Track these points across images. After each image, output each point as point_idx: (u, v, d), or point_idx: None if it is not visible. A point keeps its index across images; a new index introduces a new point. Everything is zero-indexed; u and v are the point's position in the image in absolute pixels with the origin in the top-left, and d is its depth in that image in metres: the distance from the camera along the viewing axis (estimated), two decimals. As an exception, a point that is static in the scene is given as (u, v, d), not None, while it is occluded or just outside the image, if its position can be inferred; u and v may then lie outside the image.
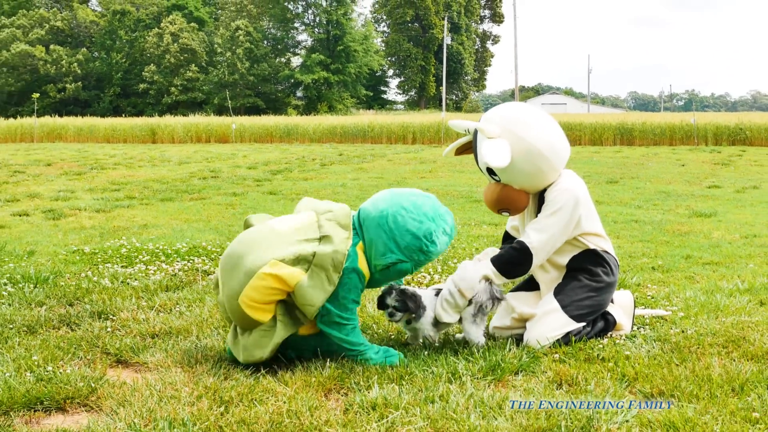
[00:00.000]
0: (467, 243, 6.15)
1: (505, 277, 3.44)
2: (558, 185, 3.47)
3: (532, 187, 3.49)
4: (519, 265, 3.42)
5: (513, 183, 3.45)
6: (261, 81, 56.91)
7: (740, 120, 25.15)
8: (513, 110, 3.49)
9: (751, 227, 7.09)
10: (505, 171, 3.41)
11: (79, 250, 5.81)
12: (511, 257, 3.42)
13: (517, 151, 3.35)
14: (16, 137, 29.77)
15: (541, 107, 3.65)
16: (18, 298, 4.27)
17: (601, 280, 3.56)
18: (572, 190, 3.45)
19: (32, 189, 10.93)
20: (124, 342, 3.50)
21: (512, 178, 3.44)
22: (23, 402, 2.76)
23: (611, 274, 3.62)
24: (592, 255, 3.58)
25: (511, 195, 3.45)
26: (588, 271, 3.56)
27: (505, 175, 3.44)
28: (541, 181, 3.47)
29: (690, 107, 74.52)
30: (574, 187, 3.47)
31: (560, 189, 3.45)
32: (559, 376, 3.02)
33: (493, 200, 3.52)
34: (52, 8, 58.46)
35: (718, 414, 2.63)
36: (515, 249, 3.43)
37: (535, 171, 3.40)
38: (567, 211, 3.42)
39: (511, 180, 3.45)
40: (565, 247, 3.54)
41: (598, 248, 3.57)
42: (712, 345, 3.41)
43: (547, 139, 3.41)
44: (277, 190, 10.74)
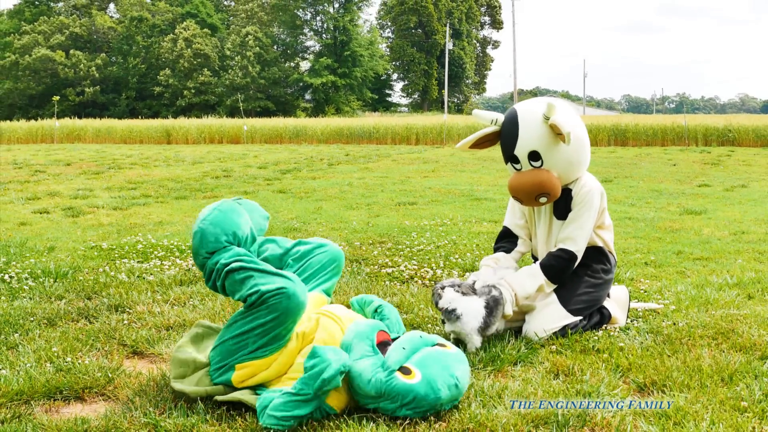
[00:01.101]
0: (468, 240, 6.23)
1: (555, 284, 3.57)
2: (584, 184, 3.56)
3: (567, 177, 3.52)
4: (568, 270, 3.56)
5: (554, 168, 3.46)
6: (271, 84, 57.38)
7: (729, 122, 25.22)
8: (561, 101, 3.60)
9: (739, 224, 7.12)
10: (554, 153, 3.43)
11: (97, 246, 5.93)
12: (562, 267, 3.52)
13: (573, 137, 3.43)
14: (37, 138, 30.12)
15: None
16: (39, 292, 4.39)
17: (600, 277, 3.66)
18: (597, 186, 3.60)
19: (52, 188, 11.11)
20: (140, 334, 3.60)
21: (557, 162, 3.45)
22: (43, 391, 2.87)
23: (610, 271, 3.71)
24: (595, 252, 3.68)
25: (553, 179, 3.44)
26: (589, 267, 3.65)
27: (552, 158, 3.44)
28: (574, 173, 3.53)
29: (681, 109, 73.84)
30: (597, 183, 3.62)
31: (589, 187, 3.55)
32: (556, 367, 3.10)
33: (537, 183, 3.42)
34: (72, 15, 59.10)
35: (708, 403, 2.70)
36: (563, 258, 3.50)
37: (575, 160, 3.48)
38: (596, 206, 3.55)
39: (553, 165, 3.45)
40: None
41: (604, 245, 3.68)
42: (702, 337, 3.48)
43: (586, 136, 3.57)
44: (286, 188, 10.84)
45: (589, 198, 3.54)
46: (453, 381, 2.65)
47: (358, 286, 4.58)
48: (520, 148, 3.49)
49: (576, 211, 3.54)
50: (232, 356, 2.79)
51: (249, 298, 2.75)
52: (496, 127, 3.66)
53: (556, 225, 3.64)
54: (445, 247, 5.87)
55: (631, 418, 2.59)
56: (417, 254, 5.58)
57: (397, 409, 2.61)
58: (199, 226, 2.88)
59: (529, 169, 3.51)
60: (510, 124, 3.55)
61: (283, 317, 2.73)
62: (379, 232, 6.66)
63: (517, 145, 3.50)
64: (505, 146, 3.59)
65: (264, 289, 2.72)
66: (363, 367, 2.65)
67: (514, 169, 3.59)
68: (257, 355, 2.77)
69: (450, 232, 6.70)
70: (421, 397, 2.60)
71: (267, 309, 2.73)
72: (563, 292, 3.58)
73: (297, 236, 6.48)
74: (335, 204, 9.03)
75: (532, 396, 2.80)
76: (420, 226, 7.03)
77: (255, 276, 2.78)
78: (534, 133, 3.45)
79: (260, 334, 2.75)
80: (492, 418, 2.59)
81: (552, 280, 3.53)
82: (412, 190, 10.50)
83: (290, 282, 2.76)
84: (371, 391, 2.61)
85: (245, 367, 2.77)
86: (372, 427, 2.54)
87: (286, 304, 2.71)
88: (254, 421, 2.60)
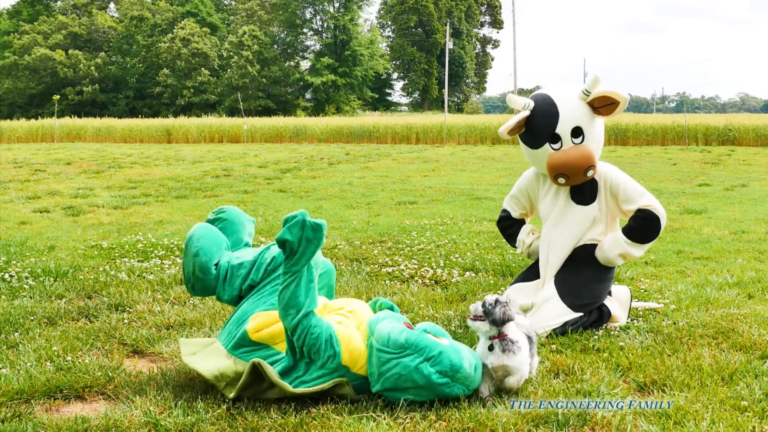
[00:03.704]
0: (468, 239, 6.24)
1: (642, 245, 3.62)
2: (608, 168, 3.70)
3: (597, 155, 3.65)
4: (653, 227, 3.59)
5: (592, 143, 3.60)
6: (271, 83, 57.47)
7: (729, 121, 25.32)
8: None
9: (739, 224, 7.12)
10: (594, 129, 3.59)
11: (98, 245, 5.93)
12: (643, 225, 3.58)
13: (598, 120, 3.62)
14: (37, 137, 30.14)
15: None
16: (39, 291, 4.40)
17: (601, 274, 3.66)
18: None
19: (53, 187, 11.12)
20: (140, 333, 3.60)
21: (595, 137, 3.61)
22: (44, 390, 2.87)
23: (611, 269, 3.72)
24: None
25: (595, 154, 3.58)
26: (591, 265, 3.66)
27: (592, 131, 3.59)
28: (599, 151, 3.69)
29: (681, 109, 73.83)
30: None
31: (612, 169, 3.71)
32: (557, 366, 3.10)
33: (587, 156, 3.52)
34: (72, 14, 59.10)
35: (709, 402, 2.71)
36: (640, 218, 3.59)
37: (601, 142, 3.69)
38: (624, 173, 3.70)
39: (593, 139, 3.61)
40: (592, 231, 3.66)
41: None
42: (702, 336, 3.48)
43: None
44: (286, 188, 10.85)
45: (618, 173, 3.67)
46: (474, 361, 2.74)
47: (358, 285, 4.58)
48: (563, 125, 3.57)
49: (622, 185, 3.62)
50: (249, 312, 2.97)
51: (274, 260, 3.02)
52: (528, 111, 3.68)
53: (574, 210, 3.66)
54: (446, 246, 5.88)
55: (631, 417, 2.59)
56: (417, 253, 5.58)
57: (420, 363, 2.65)
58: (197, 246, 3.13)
59: (570, 146, 3.57)
60: (547, 105, 3.61)
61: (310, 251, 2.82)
62: (379, 231, 6.66)
63: (560, 123, 3.57)
64: (543, 127, 3.61)
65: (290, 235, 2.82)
66: (395, 325, 2.77)
67: (551, 149, 3.61)
68: (271, 306, 2.95)
69: (450, 231, 6.70)
70: (447, 355, 2.67)
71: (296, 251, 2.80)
72: (564, 289, 3.59)
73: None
74: (335, 203, 9.03)
75: (532, 395, 2.80)
76: (420, 226, 7.03)
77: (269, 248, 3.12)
78: (576, 109, 3.56)
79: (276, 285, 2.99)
80: (492, 417, 2.59)
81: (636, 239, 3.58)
82: (412, 190, 10.51)
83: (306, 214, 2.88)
84: (401, 340, 2.68)
85: (259, 316, 2.93)
86: (372, 426, 2.54)
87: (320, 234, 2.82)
88: (254, 420, 2.60)
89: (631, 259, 3.65)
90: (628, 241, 3.59)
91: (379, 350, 2.71)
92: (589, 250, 3.67)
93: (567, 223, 3.67)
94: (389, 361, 2.69)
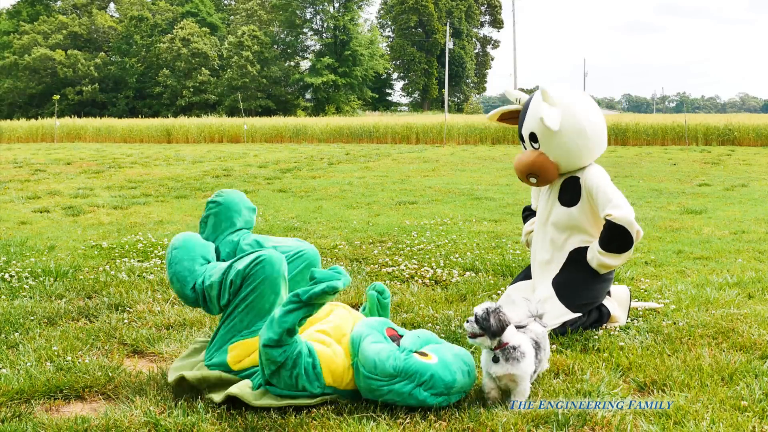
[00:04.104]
0: (468, 239, 6.23)
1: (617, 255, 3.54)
2: (591, 171, 3.64)
3: (565, 164, 3.63)
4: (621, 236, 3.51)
5: (550, 153, 3.60)
6: (272, 83, 57.49)
7: (729, 121, 25.31)
8: (576, 93, 3.69)
9: (739, 224, 7.12)
10: (549, 139, 3.57)
11: (98, 245, 5.93)
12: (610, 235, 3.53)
13: (568, 126, 3.54)
14: (37, 137, 30.14)
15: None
16: (39, 291, 4.40)
17: (601, 276, 3.66)
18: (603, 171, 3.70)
19: (52, 187, 11.12)
20: (141, 333, 3.61)
21: (552, 148, 3.59)
22: (44, 390, 2.88)
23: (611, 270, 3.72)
24: None
25: (546, 164, 3.60)
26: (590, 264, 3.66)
27: (547, 143, 3.59)
28: (574, 161, 3.62)
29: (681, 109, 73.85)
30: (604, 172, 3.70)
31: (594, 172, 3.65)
32: (557, 366, 3.10)
33: (527, 164, 3.62)
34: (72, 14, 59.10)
35: (709, 402, 2.71)
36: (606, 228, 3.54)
37: (575, 150, 3.58)
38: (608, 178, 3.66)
39: (549, 150, 3.60)
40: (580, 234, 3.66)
41: None
42: (702, 336, 3.48)
43: (594, 128, 3.62)
44: (286, 188, 10.85)
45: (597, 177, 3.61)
46: (466, 368, 2.72)
47: (358, 285, 4.58)
48: (524, 129, 3.69)
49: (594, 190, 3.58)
50: (224, 341, 2.88)
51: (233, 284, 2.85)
52: (518, 106, 3.83)
53: (558, 210, 3.69)
54: (446, 246, 5.88)
55: (631, 417, 2.59)
56: (417, 253, 5.58)
57: (413, 389, 2.62)
58: (171, 272, 3.00)
59: (529, 150, 3.67)
60: (525, 105, 3.75)
61: (263, 287, 2.81)
62: (379, 231, 6.66)
63: (523, 126, 3.70)
64: (518, 125, 3.79)
65: (241, 266, 2.84)
66: (379, 348, 2.68)
67: (523, 147, 3.77)
68: (246, 334, 2.85)
69: (450, 231, 6.70)
70: (439, 376, 2.64)
71: (247, 282, 2.82)
72: (563, 289, 3.59)
73: (297, 236, 6.48)
74: (335, 203, 9.03)
75: (532, 395, 2.80)
76: (420, 226, 7.03)
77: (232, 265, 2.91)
78: (536, 115, 3.58)
79: (245, 311, 2.84)
80: (492, 417, 2.59)
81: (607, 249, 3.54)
82: (412, 190, 10.51)
83: (265, 250, 2.87)
84: (389, 369, 2.62)
85: (237, 347, 2.85)
86: (372, 426, 2.54)
87: (265, 271, 2.80)
88: (254, 419, 2.60)
89: (610, 268, 3.59)
90: (601, 250, 3.55)
91: (368, 377, 2.66)
92: (582, 254, 3.67)
93: (552, 222, 3.71)
94: (380, 387, 2.65)
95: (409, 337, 2.80)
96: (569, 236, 3.66)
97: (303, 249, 3.22)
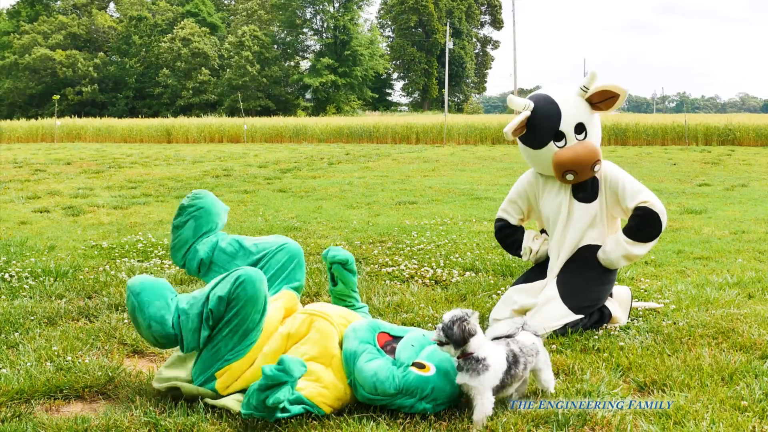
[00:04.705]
0: (468, 239, 6.23)
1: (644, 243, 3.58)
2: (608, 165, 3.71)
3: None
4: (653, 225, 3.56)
5: (594, 139, 3.65)
6: (272, 83, 57.52)
7: (729, 121, 25.33)
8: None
9: (739, 224, 7.13)
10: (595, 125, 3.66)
11: (98, 245, 5.94)
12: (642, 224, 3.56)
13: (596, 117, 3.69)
14: (37, 137, 30.15)
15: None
16: (39, 291, 4.40)
17: (604, 276, 3.66)
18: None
19: (53, 187, 11.12)
20: (140, 333, 3.61)
21: (596, 132, 3.67)
22: (44, 390, 2.88)
23: (614, 271, 3.72)
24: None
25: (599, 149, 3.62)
26: (593, 266, 3.65)
27: (593, 127, 3.65)
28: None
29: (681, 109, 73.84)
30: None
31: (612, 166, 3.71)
32: (557, 366, 3.10)
33: (594, 151, 3.56)
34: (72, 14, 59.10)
35: (709, 402, 2.71)
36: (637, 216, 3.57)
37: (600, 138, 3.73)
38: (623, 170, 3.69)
39: (594, 135, 3.66)
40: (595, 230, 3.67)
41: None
42: (702, 336, 3.49)
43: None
44: (286, 188, 10.85)
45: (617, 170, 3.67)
46: None
47: (358, 285, 4.58)
48: (566, 123, 3.61)
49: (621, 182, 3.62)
50: (210, 367, 2.78)
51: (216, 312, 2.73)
52: (528, 111, 3.70)
53: (578, 208, 3.67)
54: (446, 246, 5.88)
55: (631, 417, 2.59)
56: (417, 253, 5.58)
57: (416, 403, 2.62)
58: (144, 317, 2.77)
59: (575, 142, 3.60)
60: (548, 104, 3.65)
61: (246, 309, 2.72)
62: (379, 231, 6.66)
63: (563, 120, 3.61)
64: (546, 126, 3.63)
65: (224, 292, 2.71)
66: (377, 367, 2.64)
67: (555, 147, 3.63)
68: (231, 358, 2.76)
69: (450, 231, 6.70)
70: (440, 388, 2.64)
71: (231, 306, 2.72)
72: (566, 290, 3.59)
73: (297, 236, 6.48)
74: (335, 203, 9.03)
75: (533, 395, 2.80)
76: (420, 226, 7.03)
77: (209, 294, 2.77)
78: (577, 106, 3.61)
79: (229, 335, 2.75)
80: (492, 417, 2.59)
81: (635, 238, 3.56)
82: (412, 190, 10.51)
83: (243, 269, 2.76)
84: (390, 389, 2.61)
85: (224, 372, 2.76)
86: (372, 426, 2.54)
87: (247, 293, 2.69)
88: (254, 420, 2.60)
89: (635, 259, 3.63)
90: (629, 240, 3.58)
91: (369, 398, 2.65)
92: (591, 251, 3.67)
93: (574, 221, 3.68)
94: (384, 402, 2.65)
95: (404, 348, 2.75)
96: (585, 233, 3.67)
97: (284, 243, 3.16)
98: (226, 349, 2.76)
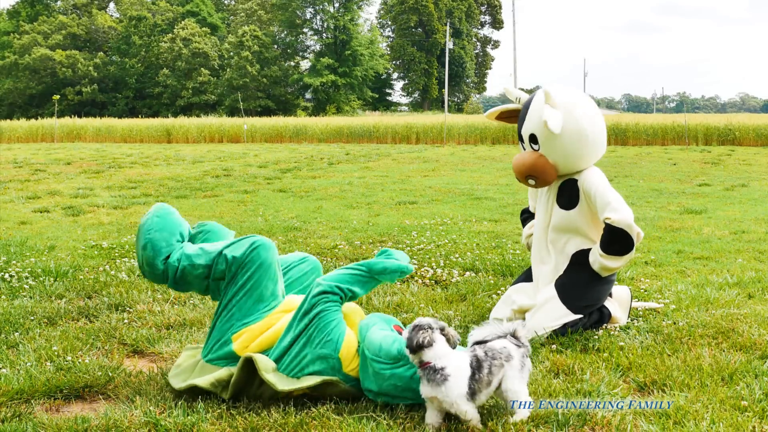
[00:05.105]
0: (468, 239, 6.23)
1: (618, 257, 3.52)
2: (590, 176, 3.62)
3: (564, 166, 3.61)
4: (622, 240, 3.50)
5: (549, 156, 3.58)
6: (272, 83, 57.55)
7: (729, 121, 25.33)
8: (576, 94, 3.66)
9: (739, 224, 7.13)
10: (550, 141, 3.54)
11: (98, 245, 5.94)
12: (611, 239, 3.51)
13: (568, 128, 3.51)
14: (37, 137, 30.15)
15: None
16: (39, 291, 4.40)
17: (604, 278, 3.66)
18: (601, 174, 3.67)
19: (53, 187, 11.12)
20: (140, 333, 3.61)
21: (551, 150, 3.56)
22: (44, 390, 2.88)
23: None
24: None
25: (545, 165, 3.56)
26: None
27: (547, 145, 3.56)
28: (573, 164, 3.60)
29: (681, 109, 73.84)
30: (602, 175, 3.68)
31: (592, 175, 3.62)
32: (557, 366, 3.10)
33: (527, 165, 3.58)
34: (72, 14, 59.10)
35: (709, 402, 2.71)
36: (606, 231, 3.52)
37: (573, 152, 3.56)
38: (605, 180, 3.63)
39: (549, 152, 3.57)
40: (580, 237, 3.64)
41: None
42: (702, 336, 3.49)
43: (594, 130, 3.60)
44: (286, 187, 10.85)
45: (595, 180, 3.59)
46: None
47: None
48: (524, 129, 3.65)
49: (593, 193, 3.56)
50: (225, 333, 2.89)
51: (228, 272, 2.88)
52: (518, 105, 3.80)
53: (557, 213, 3.68)
54: (445, 246, 5.88)
55: (631, 417, 2.59)
56: (417, 253, 5.58)
57: (415, 374, 2.64)
58: (147, 237, 2.94)
59: (529, 151, 3.63)
60: (525, 105, 3.71)
61: (259, 272, 2.87)
62: (379, 231, 6.66)
63: (523, 126, 3.66)
64: (518, 125, 3.75)
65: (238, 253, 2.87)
66: (385, 334, 2.77)
67: (522, 148, 3.73)
68: (248, 321, 2.88)
69: (450, 231, 6.71)
70: None
71: (244, 270, 2.86)
72: (565, 290, 3.59)
73: (297, 236, 6.48)
74: (335, 203, 9.03)
75: (533, 395, 2.80)
76: (420, 226, 7.03)
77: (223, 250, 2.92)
78: (537, 117, 3.56)
79: (243, 299, 2.88)
80: (492, 417, 2.58)
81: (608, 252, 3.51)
82: (412, 190, 10.51)
83: (258, 237, 2.93)
84: (393, 351, 2.68)
85: (242, 334, 2.88)
86: (372, 426, 2.54)
87: (261, 257, 2.86)
88: (254, 420, 2.60)
89: (612, 271, 3.58)
90: (602, 253, 3.53)
91: (372, 360, 2.72)
92: (585, 256, 3.66)
93: (552, 225, 3.70)
94: (383, 371, 2.69)
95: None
96: (569, 239, 3.65)
97: (306, 256, 3.32)
98: (240, 313, 2.89)
